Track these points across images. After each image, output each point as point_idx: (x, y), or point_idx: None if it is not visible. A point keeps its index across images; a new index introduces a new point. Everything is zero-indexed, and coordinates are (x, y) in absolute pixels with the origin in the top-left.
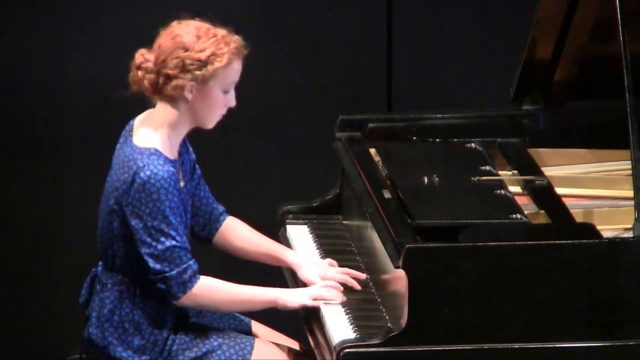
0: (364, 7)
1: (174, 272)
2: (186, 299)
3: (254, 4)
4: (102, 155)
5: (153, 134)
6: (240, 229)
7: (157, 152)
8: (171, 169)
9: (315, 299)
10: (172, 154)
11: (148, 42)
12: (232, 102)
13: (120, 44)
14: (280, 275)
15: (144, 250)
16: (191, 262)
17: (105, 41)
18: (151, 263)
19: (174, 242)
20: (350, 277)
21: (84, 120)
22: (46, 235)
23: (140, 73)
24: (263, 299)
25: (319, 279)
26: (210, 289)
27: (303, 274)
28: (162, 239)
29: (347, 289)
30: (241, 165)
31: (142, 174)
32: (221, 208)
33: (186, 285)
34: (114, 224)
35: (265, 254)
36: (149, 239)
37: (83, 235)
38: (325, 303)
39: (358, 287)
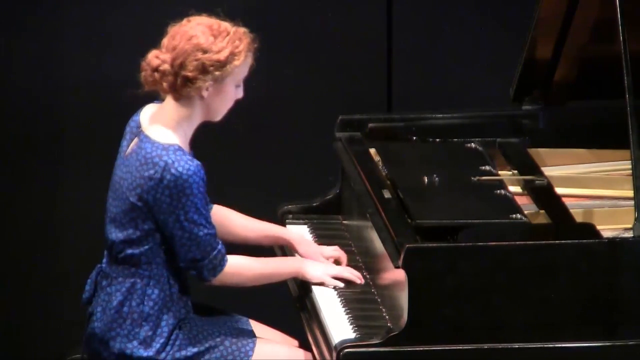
0: (364, 7)
1: (205, 260)
2: (216, 281)
3: (253, 4)
4: (102, 154)
5: (171, 131)
6: (228, 215)
7: (180, 148)
8: (198, 162)
9: (334, 277)
10: (187, 149)
11: (149, 42)
12: (241, 94)
13: (121, 44)
14: (272, 253)
15: (177, 241)
16: (220, 246)
17: (106, 41)
18: (183, 253)
19: (206, 230)
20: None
21: (84, 119)
22: (46, 235)
23: (157, 75)
24: (288, 270)
25: (319, 254)
26: (238, 268)
27: (302, 249)
28: (196, 230)
29: (348, 285)
30: (241, 165)
31: (173, 170)
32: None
33: (216, 269)
34: (138, 220)
35: (259, 234)
36: (180, 232)
37: (83, 235)
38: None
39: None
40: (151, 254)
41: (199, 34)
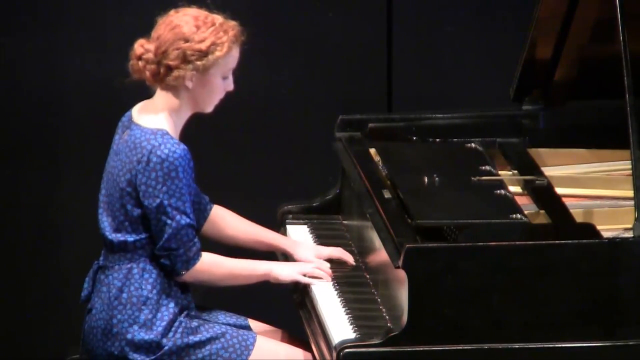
0: (364, 7)
1: (181, 250)
2: (188, 276)
3: (253, 4)
4: (102, 154)
5: (160, 119)
6: (228, 218)
7: (168, 133)
8: (185, 146)
9: (305, 275)
10: (177, 138)
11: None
12: (231, 87)
13: (121, 44)
14: (273, 258)
15: (158, 227)
16: (196, 239)
17: (105, 41)
18: (161, 240)
19: (188, 220)
20: (342, 258)
21: (83, 119)
22: (46, 234)
23: (141, 64)
24: (258, 273)
25: (316, 259)
26: (211, 265)
27: (298, 255)
28: (178, 217)
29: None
30: (241, 165)
31: (159, 152)
32: (207, 197)
33: (189, 262)
34: (128, 206)
35: (257, 240)
36: (164, 217)
37: (83, 235)
38: (315, 285)
39: (352, 262)
40: (145, 241)
41: (183, 24)
